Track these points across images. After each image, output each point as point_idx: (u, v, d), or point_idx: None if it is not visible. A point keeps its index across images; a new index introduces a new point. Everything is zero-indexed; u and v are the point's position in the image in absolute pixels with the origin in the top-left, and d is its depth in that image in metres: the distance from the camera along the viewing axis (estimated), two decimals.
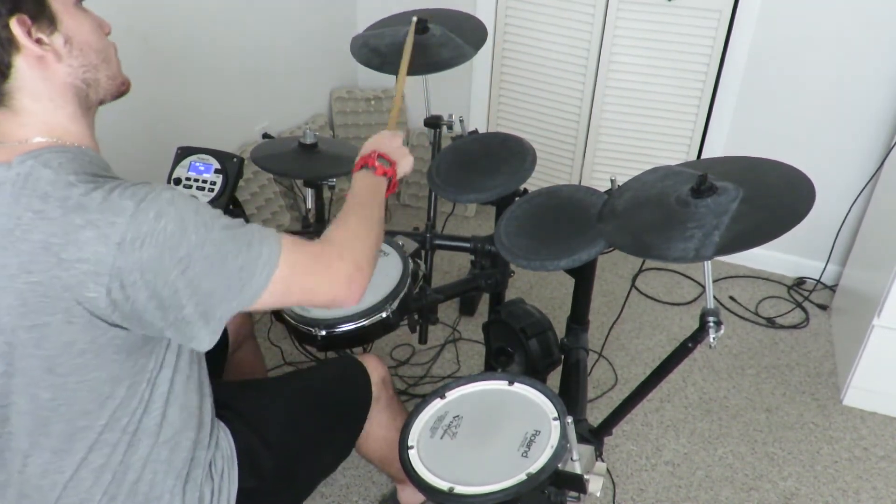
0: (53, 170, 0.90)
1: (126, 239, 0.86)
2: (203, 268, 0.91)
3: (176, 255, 0.89)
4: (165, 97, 2.04)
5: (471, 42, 1.84)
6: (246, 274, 0.94)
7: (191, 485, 1.11)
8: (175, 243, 0.89)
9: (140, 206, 0.87)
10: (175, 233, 0.88)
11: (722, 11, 2.38)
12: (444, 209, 2.62)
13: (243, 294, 0.95)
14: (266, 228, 1.00)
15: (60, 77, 0.95)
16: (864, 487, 1.90)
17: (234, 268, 0.93)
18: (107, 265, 0.86)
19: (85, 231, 0.86)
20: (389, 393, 1.46)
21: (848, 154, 2.44)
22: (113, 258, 0.86)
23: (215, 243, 0.92)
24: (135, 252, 0.87)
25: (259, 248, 0.96)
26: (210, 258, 0.91)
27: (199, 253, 0.91)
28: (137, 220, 0.87)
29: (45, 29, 0.92)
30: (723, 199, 1.14)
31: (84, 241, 0.86)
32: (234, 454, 1.19)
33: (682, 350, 1.29)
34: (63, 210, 0.87)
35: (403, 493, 1.71)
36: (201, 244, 0.91)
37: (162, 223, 0.88)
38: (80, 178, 0.90)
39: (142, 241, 0.87)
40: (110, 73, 1.01)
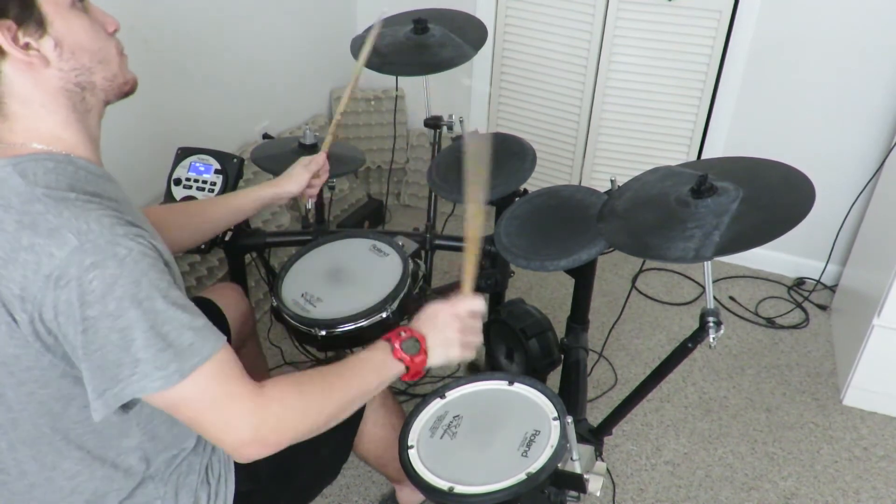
0: (26, 180, 0.87)
1: (53, 275, 0.83)
2: (104, 339, 0.84)
3: (85, 313, 0.83)
4: (166, 98, 2.04)
5: (471, 42, 1.84)
6: (143, 367, 0.86)
7: (185, 491, 1.10)
8: (91, 301, 0.83)
9: (83, 246, 0.83)
10: (97, 291, 0.83)
11: (722, 11, 2.38)
12: (444, 209, 2.62)
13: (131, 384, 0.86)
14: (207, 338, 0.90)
15: (51, 82, 0.92)
16: (864, 487, 1.90)
17: (132, 359, 0.85)
18: (31, 294, 0.84)
19: (25, 253, 0.84)
20: (385, 391, 1.46)
21: (848, 154, 2.44)
22: (37, 290, 0.83)
23: (131, 323, 0.84)
24: (56, 290, 0.83)
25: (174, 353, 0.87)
26: (116, 333, 0.84)
27: (107, 323, 0.84)
28: (72, 260, 0.82)
29: (32, 33, 0.89)
30: (723, 200, 1.14)
31: (21, 262, 0.84)
32: (231, 458, 1.18)
33: (681, 350, 1.29)
34: (18, 225, 0.85)
35: (402, 493, 1.71)
36: (115, 316, 0.84)
37: (91, 275, 0.82)
38: (51, 192, 0.87)
39: (66, 283, 0.82)
40: (107, 75, 0.97)
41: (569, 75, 2.67)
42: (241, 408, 0.92)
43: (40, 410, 0.94)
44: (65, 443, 0.98)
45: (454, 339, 1.13)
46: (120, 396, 0.87)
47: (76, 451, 0.99)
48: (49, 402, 0.93)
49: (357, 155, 1.95)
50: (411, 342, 1.10)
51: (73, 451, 0.99)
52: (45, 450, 0.98)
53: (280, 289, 1.54)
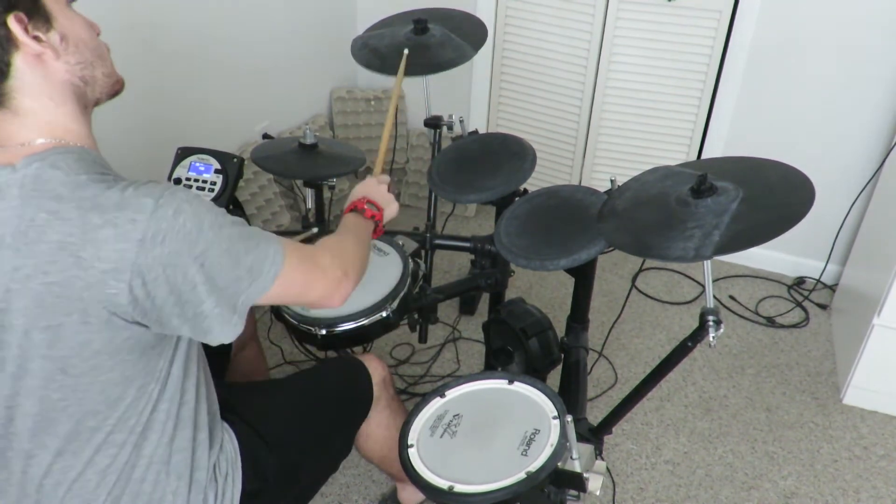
0: (63, 171, 0.90)
1: (147, 236, 0.88)
2: (219, 263, 0.94)
3: (194, 251, 0.91)
4: (165, 97, 2.05)
5: (471, 42, 1.84)
6: (255, 270, 0.98)
7: (195, 487, 1.11)
8: (193, 239, 0.91)
9: (159, 202, 0.89)
10: (193, 230, 0.91)
11: (722, 11, 2.38)
12: (444, 209, 2.62)
13: (252, 288, 0.99)
14: (265, 231, 1.04)
15: (59, 75, 0.95)
16: (864, 486, 1.90)
17: (246, 264, 0.97)
18: (128, 262, 0.87)
19: (104, 230, 0.87)
20: (390, 393, 1.46)
21: (848, 154, 2.44)
22: (135, 255, 0.87)
23: (230, 240, 0.95)
24: (156, 248, 0.88)
25: (266, 247, 1.00)
26: (225, 254, 0.94)
27: (216, 249, 0.93)
28: (157, 216, 0.88)
29: (41, 27, 0.92)
30: (723, 199, 1.14)
31: (103, 239, 0.87)
32: (238, 457, 1.19)
33: (681, 349, 1.29)
34: (80, 210, 0.87)
35: (403, 493, 1.71)
36: (217, 241, 0.93)
37: (181, 220, 0.90)
38: (91, 177, 0.91)
39: (163, 238, 0.88)
40: (106, 70, 1.01)
41: (569, 75, 2.67)
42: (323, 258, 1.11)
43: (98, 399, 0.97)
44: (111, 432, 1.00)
45: (389, 197, 1.42)
46: (247, 306, 0.99)
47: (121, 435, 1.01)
48: (109, 388, 0.97)
49: (357, 155, 1.95)
50: (370, 205, 1.36)
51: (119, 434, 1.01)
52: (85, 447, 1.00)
53: None
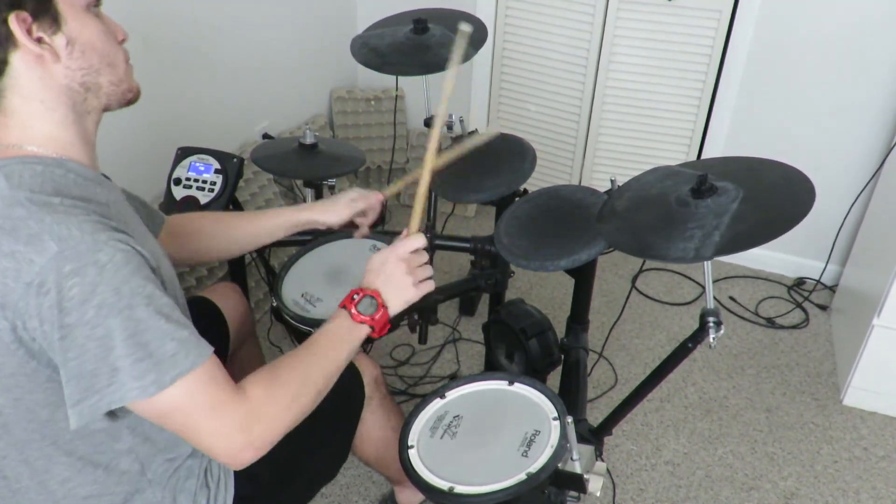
0: (10, 183, 0.86)
1: (34, 282, 0.82)
2: (81, 347, 0.83)
3: (63, 320, 0.82)
4: (165, 97, 2.04)
5: (471, 42, 1.84)
6: (118, 381, 0.84)
7: (183, 495, 1.10)
8: (69, 308, 0.82)
9: (63, 253, 0.82)
10: (75, 298, 0.82)
11: (722, 11, 2.38)
12: (444, 209, 2.62)
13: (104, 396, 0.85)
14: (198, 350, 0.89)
15: (56, 78, 0.92)
16: (864, 487, 1.90)
17: (109, 368, 0.84)
18: (11, 301, 0.83)
19: (5, 260, 0.83)
20: (382, 392, 1.45)
21: (848, 154, 2.44)
22: (18, 297, 0.83)
23: (110, 331, 0.83)
24: (38, 298, 0.82)
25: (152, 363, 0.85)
26: (94, 342, 0.83)
27: (85, 332, 0.83)
28: (52, 266, 0.81)
29: (47, 28, 0.90)
30: (723, 200, 1.14)
31: (2, 269, 0.83)
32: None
33: (681, 350, 1.29)
34: None
35: (402, 494, 1.71)
36: (94, 324, 0.82)
37: (70, 282, 0.81)
38: (35, 197, 0.85)
39: (46, 290, 0.82)
40: (113, 79, 0.98)
41: (569, 75, 2.67)
42: (229, 417, 0.91)
43: (28, 416, 0.94)
44: (54, 448, 0.97)
45: (406, 282, 1.14)
46: (97, 407, 0.85)
47: (66, 457, 0.98)
48: (36, 408, 0.93)
49: (357, 155, 1.95)
50: (367, 301, 1.11)
51: (62, 456, 0.98)
52: (36, 454, 0.97)
53: (280, 289, 1.54)
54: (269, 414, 0.96)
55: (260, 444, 0.95)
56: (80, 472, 1.00)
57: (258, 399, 0.95)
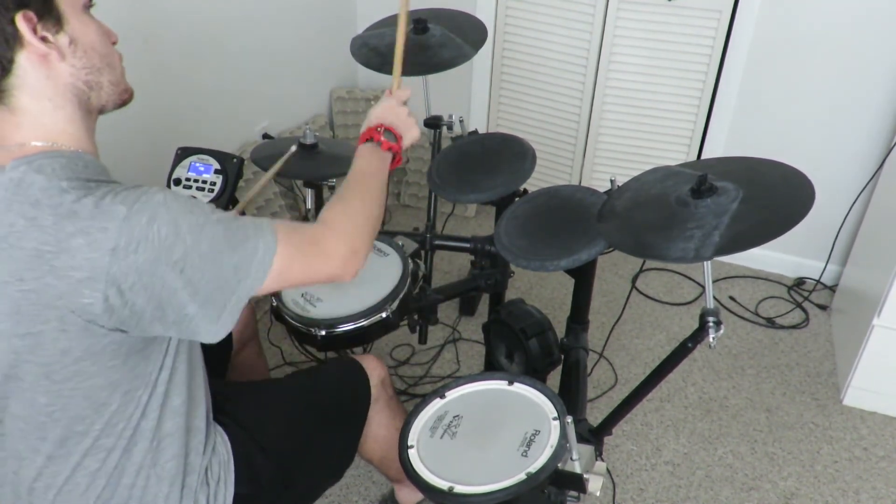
0: (46, 176, 0.89)
1: (120, 244, 0.86)
2: (200, 267, 0.91)
3: (172, 258, 0.89)
4: (165, 97, 2.04)
5: (471, 42, 1.84)
6: (243, 269, 0.95)
7: (186, 491, 1.10)
8: (170, 245, 0.88)
9: (132, 209, 0.87)
10: (169, 235, 0.88)
11: (722, 11, 2.38)
12: (444, 209, 2.62)
13: (242, 287, 0.96)
14: (260, 219, 1.00)
15: (62, 77, 0.94)
16: (864, 487, 1.90)
17: (231, 265, 0.94)
18: (101, 271, 0.86)
19: (76, 238, 0.86)
20: (389, 393, 1.46)
21: (848, 154, 2.44)
22: (107, 264, 0.86)
23: (210, 242, 0.92)
24: (129, 256, 0.86)
25: (255, 242, 0.96)
26: (206, 257, 0.92)
27: (195, 253, 0.91)
28: (130, 224, 0.86)
29: (50, 28, 0.92)
30: (723, 200, 1.14)
31: (76, 248, 0.86)
32: (231, 460, 1.18)
33: (681, 350, 1.29)
34: (55, 217, 0.86)
35: (401, 493, 1.71)
36: (196, 244, 0.91)
37: (155, 227, 0.88)
38: (73, 183, 0.89)
39: (136, 246, 0.87)
40: (113, 79, 1.00)
41: (569, 75, 2.67)
42: (324, 239, 1.05)
43: (83, 405, 0.96)
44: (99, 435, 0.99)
45: (411, 121, 1.32)
46: (239, 304, 0.96)
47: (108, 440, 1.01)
48: (94, 392, 0.96)
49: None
50: (387, 133, 1.27)
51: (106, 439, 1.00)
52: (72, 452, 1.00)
53: None
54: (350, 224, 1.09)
55: (358, 249, 1.08)
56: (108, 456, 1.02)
57: (334, 219, 1.09)
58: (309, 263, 1.03)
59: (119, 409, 0.99)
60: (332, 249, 1.05)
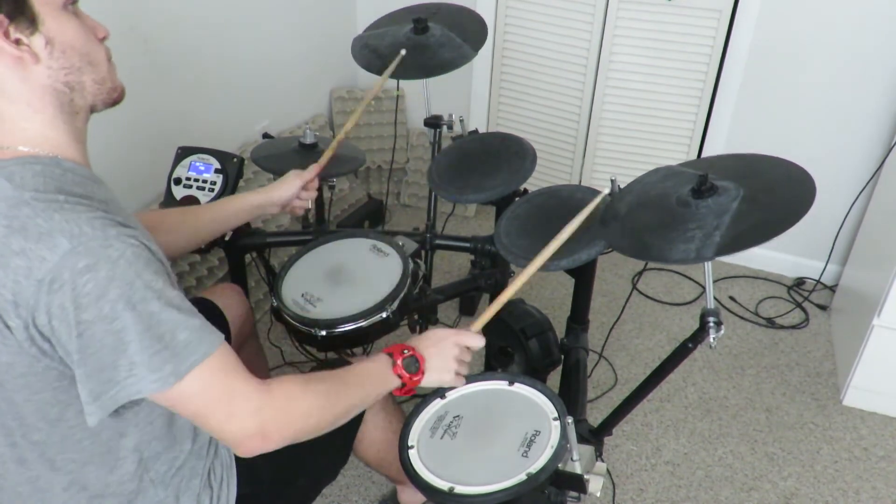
0: (13, 184, 0.86)
1: (47, 279, 0.82)
2: (100, 342, 0.84)
3: (80, 317, 0.83)
4: (166, 97, 2.04)
5: (471, 42, 1.84)
6: (138, 370, 0.86)
7: (187, 495, 1.10)
8: (85, 304, 0.82)
9: (76, 249, 0.82)
10: (91, 294, 0.82)
11: (722, 11, 2.38)
12: (444, 209, 2.62)
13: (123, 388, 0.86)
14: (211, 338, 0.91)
15: (39, 80, 0.91)
16: (864, 487, 1.90)
17: (128, 360, 0.85)
18: (24, 298, 0.83)
19: (16, 258, 0.83)
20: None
21: (848, 154, 2.44)
22: (31, 294, 0.83)
23: (126, 325, 0.84)
24: (49, 295, 0.82)
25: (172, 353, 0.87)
26: (111, 336, 0.84)
27: (102, 327, 0.84)
28: (64, 263, 0.82)
29: (24, 29, 0.88)
30: (723, 199, 1.14)
31: (13, 268, 0.83)
32: (233, 462, 1.18)
33: (682, 350, 1.29)
34: (7, 230, 0.84)
35: (403, 494, 1.71)
36: (110, 319, 0.83)
37: (85, 278, 0.82)
38: (38, 196, 0.86)
39: (59, 286, 0.82)
40: (96, 77, 0.96)
41: (569, 75, 2.67)
42: (245, 401, 0.93)
43: (36, 416, 0.94)
44: (60, 448, 0.97)
45: (451, 367, 1.20)
46: (116, 399, 0.87)
47: (74, 455, 0.98)
48: (45, 407, 0.93)
49: (357, 155, 1.94)
50: (412, 360, 1.15)
51: (70, 454, 0.98)
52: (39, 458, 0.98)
53: (280, 289, 1.54)
54: (285, 410, 0.97)
55: (269, 436, 0.95)
56: (83, 470, 1.00)
57: (281, 395, 0.97)
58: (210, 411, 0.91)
59: (79, 426, 0.95)
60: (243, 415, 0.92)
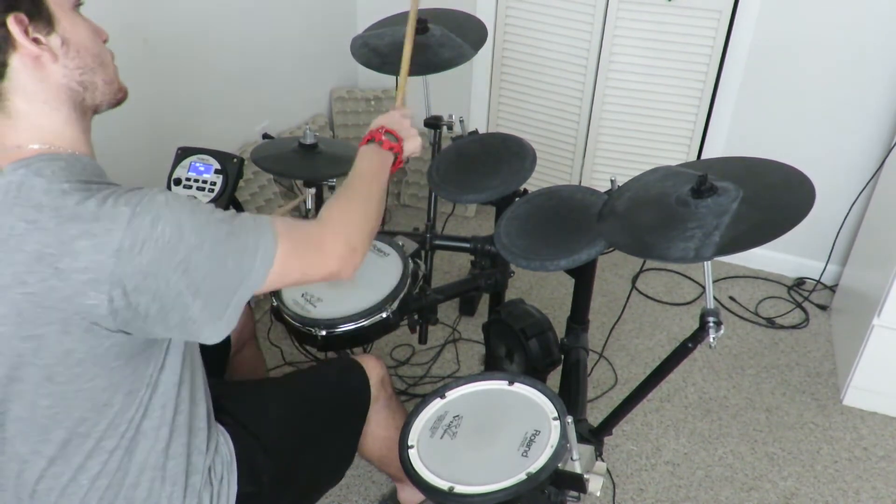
0: (46, 178, 0.89)
1: (124, 246, 0.86)
2: (203, 268, 0.92)
3: (175, 259, 0.89)
4: (165, 97, 2.04)
5: (471, 42, 1.84)
6: (244, 269, 0.96)
7: (189, 491, 1.10)
8: (173, 246, 0.89)
9: (136, 211, 0.87)
10: (172, 236, 0.89)
11: (722, 11, 2.38)
12: (444, 209, 2.62)
13: (244, 286, 0.96)
14: (260, 217, 1.01)
15: (56, 78, 0.94)
16: (864, 487, 1.90)
17: (234, 264, 0.95)
18: (106, 273, 0.86)
19: (80, 241, 0.86)
20: (388, 392, 1.46)
21: (848, 154, 2.44)
22: (112, 265, 0.86)
23: (213, 242, 0.93)
24: (134, 258, 0.87)
25: (256, 241, 0.97)
26: (209, 258, 0.92)
27: (198, 254, 0.91)
28: (133, 226, 0.87)
29: (42, 29, 0.91)
30: (723, 200, 1.14)
31: (80, 250, 0.86)
32: (234, 459, 1.18)
33: (681, 350, 1.29)
34: (58, 220, 0.86)
35: (403, 493, 1.71)
36: (199, 245, 0.91)
37: (159, 228, 0.88)
38: (74, 186, 0.89)
39: (140, 247, 0.87)
40: (107, 78, 1.00)
41: (569, 75, 2.67)
42: (322, 238, 1.06)
43: (85, 406, 0.96)
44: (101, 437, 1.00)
45: (413, 131, 1.34)
46: (240, 303, 0.97)
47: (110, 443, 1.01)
48: (96, 394, 0.96)
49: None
50: (389, 135, 1.28)
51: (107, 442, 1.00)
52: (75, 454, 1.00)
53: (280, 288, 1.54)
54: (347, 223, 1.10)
55: (355, 246, 1.08)
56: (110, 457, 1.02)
57: (333, 218, 1.10)
58: (308, 261, 1.04)
59: (121, 410, 0.99)
60: (330, 247, 1.06)
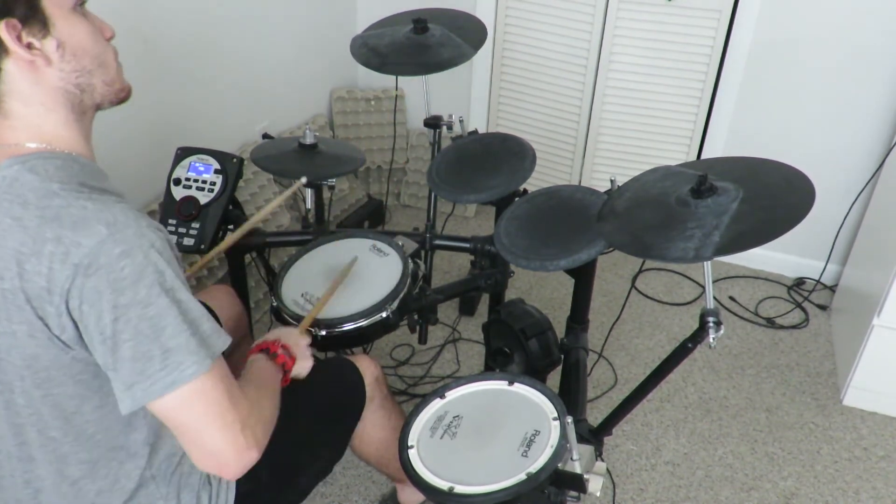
0: (39, 176, 0.88)
1: (83, 263, 0.84)
2: (134, 328, 0.86)
3: (117, 300, 0.84)
4: (165, 97, 2.04)
5: (471, 42, 1.84)
6: (175, 357, 0.87)
7: (187, 491, 1.10)
8: (123, 287, 0.84)
9: (113, 236, 0.84)
10: (128, 278, 0.84)
11: (722, 11, 2.38)
12: (444, 209, 2.62)
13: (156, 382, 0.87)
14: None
15: (52, 82, 0.93)
16: (864, 487, 1.90)
17: (162, 349, 0.87)
18: (59, 285, 0.84)
19: (50, 245, 0.84)
20: (383, 392, 1.46)
21: (848, 154, 2.44)
22: (66, 278, 0.84)
23: (161, 310, 0.87)
24: (85, 278, 0.84)
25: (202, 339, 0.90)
26: (147, 322, 0.86)
27: (138, 311, 0.85)
28: (101, 249, 0.84)
29: (36, 33, 0.90)
30: (723, 200, 1.14)
31: (47, 254, 0.84)
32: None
33: (681, 350, 1.29)
34: (40, 220, 0.85)
35: (403, 493, 1.71)
36: (146, 303, 0.86)
37: (122, 263, 0.84)
38: (65, 187, 0.88)
39: (95, 270, 0.83)
40: (107, 79, 0.98)
41: (569, 75, 2.67)
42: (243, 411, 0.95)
43: (53, 413, 0.95)
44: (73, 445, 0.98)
45: (307, 352, 1.29)
46: (149, 393, 0.87)
47: (83, 454, 0.99)
48: (63, 401, 0.94)
49: (357, 155, 1.95)
50: (284, 350, 1.22)
51: (80, 453, 0.99)
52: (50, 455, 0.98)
53: (280, 289, 1.54)
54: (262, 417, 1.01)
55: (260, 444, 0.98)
56: (92, 469, 1.01)
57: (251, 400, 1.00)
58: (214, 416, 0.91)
59: (93, 421, 0.96)
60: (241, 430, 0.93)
